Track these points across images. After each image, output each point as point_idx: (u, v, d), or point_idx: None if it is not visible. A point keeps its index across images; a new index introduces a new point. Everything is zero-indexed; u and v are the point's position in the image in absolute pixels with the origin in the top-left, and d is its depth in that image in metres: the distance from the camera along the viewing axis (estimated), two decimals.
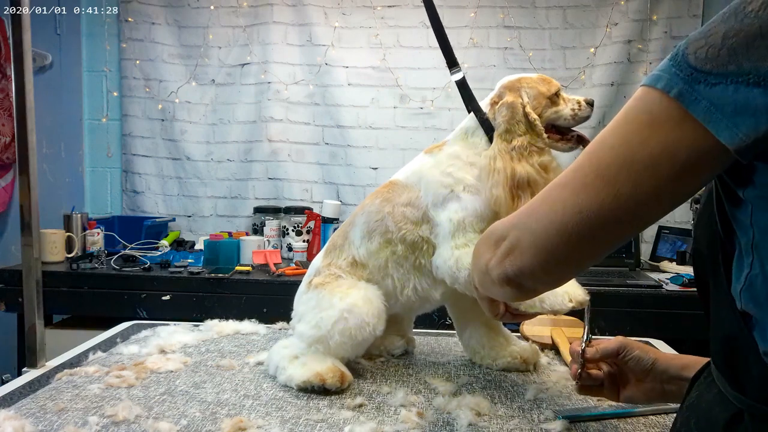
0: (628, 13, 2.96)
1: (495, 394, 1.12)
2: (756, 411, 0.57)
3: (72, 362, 1.30)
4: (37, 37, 2.09)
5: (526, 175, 1.12)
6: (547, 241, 0.65)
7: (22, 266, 1.30)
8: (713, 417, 0.62)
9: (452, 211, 1.16)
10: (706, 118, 0.54)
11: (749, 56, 0.52)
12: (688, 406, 0.70)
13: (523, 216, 0.69)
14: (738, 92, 0.52)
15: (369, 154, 3.13)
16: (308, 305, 1.22)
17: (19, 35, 1.26)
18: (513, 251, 0.69)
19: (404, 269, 1.22)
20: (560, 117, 1.20)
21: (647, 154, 0.57)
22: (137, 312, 2.40)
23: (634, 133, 0.58)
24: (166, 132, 3.19)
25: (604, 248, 0.65)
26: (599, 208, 0.60)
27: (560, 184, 0.65)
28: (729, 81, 0.53)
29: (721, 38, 0.53)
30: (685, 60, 0.56)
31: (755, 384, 0.58)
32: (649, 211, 0.60)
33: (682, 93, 0.55)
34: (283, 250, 2.89)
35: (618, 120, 0.61)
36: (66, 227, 2.75)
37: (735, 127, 0.52)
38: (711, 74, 0.54)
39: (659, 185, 0.57)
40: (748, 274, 0.59)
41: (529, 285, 0.71)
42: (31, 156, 1.28)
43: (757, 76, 0.51)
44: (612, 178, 0.59)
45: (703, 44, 0.55)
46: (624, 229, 0.62)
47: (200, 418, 0.99)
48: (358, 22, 3.09)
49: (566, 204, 0.63)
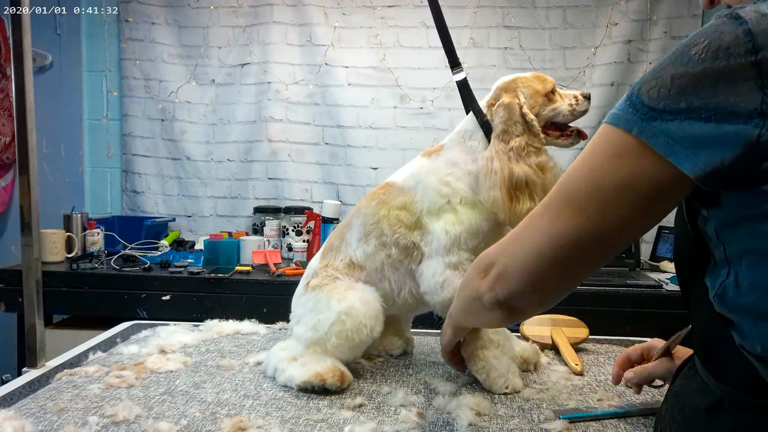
0: (628, 13, 2.96)
1: (495, 395, 1.12)
2: (736, 399, 0.62)
3: (72, 362, 1.30)
4: (37, 37, 2.09)
5: (524, 176, 1.12)
6: (530, 267, 0.71)
7: (22, 266, 1.30)
8: (696, 404, 0.67)
9: (449, 223, 1.17)
10: (666, 151, 0.59)
11: (697, 94, 0.57)
12: (672, 395, 0.75)
13: (509, 243, 0.75)
14: (692, 127, 0.58)
15: (369, 154, 3.13)
16: (306, 307, 1.22)
17: (19, 35, 1.26)
18: (502, 276, 0.75)
19: (400, 273, 1.22)
20: (558, 113, 1.20)
21: (613, 184, 0.63)
22: (137, 312, 2.40)
23: (601, 165, 0.64)
24: (166, 132, 3.19)
25: (583, 271, 0.71)
26: (573, 236, 0.66)
27: (538, 213, 0.71)
28: (682, 117, 0.58)
29: (670, 79, 0.59)
30: (639, 100, 0.61)
31: (735, 374, 0.62)
32: (620, 236, 0.66)
33: (642, 130, 0.60)
34: (283, 250, 2.88)
35: (585, 153, 0.67)
36: (66, 227, 2.75)
37: (695, 157, 0.58)
38: (665, 112, 0.59)
39: (626, 213, 0.63)
40: (722, 282, 0.63)
41: (519, 306, 0.77)
42: (31, 156, 1.28)
43: (707, 111, 0.57)
44: (583, 207, 0.65)
45: (654, 84, 0.61)
46: (598, 254, 0.68)
47: (200, 418, 0.99)
48: (358, 22, 3.09)
49: (543, 232, 0.69)
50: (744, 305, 0.61)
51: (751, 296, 0.60)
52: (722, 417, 0.63)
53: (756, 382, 0.60)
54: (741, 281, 0.61)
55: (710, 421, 0.64)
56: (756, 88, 0.55)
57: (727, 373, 0.63)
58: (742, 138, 0.56)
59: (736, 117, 0.56)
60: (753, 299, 0.60)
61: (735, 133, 0.56)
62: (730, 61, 0.56)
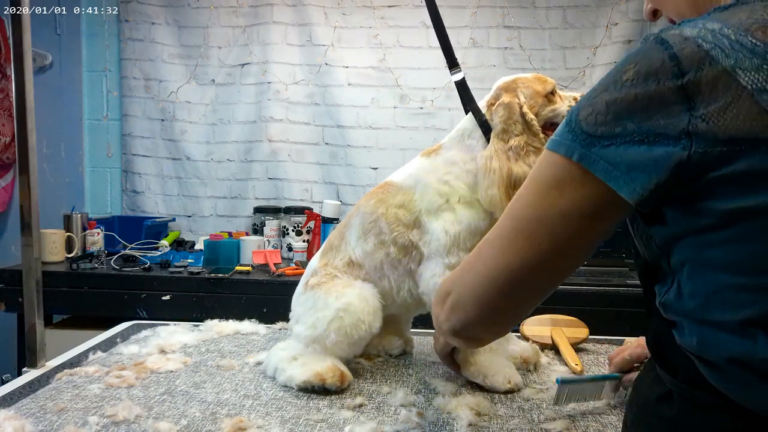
0: (628, 13, 2.96)
1: (495, 394, 1.12)
2: (682, 390, 0.67)
3: (72, 362, 1.30)
4: (37, 37, 2.09)
5: (523, 175, 1.12)
6: (484, 295, 0.72)
7: (22, 266, 1.30)
8: (648, 395, 0.72)
9: (448, 223, 1.17)
10: (606, 177, 0.62)
11: (631, 119, 0.60)
12: (634, 386, 0.80)
13: (463, 272, 0.77)
14: (628, 151, 0.60)
15: (369, 154, 3.13)
16: (305, 306, 1.22)
17: (19, 35, 1.26)
18: (457, 306, 0.76)
19: (399, 271, 1.22)
20: (558, 114, 1.20)
21: (560, 211, 0.65)
22: (137, 312, 2.40)
23: (546, 192, 0.66)
24: (166, 132, 3.19)
25: (536, 297, 0.74)
26: (524, 262, 0.68)
27: (489, 241, 0.73)
28: (618, 142, 0.61)
29: (605, 105, 0.62)
30: (578, 126, 0.64)
31: (682, 370, 0.67)
32: (569, 259, 0.69)
33: (582, 156, 0.63)
34: (283, 250, 2.88)
35: (531, 181, 0.69)
36: (66, 227, 2.75)
37: (632, 182, 0.61)
38: (603, 137, 0.62)
39: (573, 236, 0.66)
40: (667, 290, 0.67)
41: (474, 335, 0.79)
42: (31, 156, 1.28)
43: (639, 134, 0.60)
44: (531, 233, 0.67)
45: (591, 111, 0.63)
46: (551, 278, 0.71)
47: (200, 418, 0.99)
48: (358, 22, 3.09)
49: (496, 260, 0.70)
50: (685, 311, 0.64)
51: (691, 303, 0.64)
52: (670, 406, 0.68)
53: (698, 376, 0.64)
54: (683, 289, 0.64)
55: (659, 409, 0.69)
56: (684, 110, 0.58)
57: (676, 369, 0.68)
58: (673, 159, 0.59)
59: (666, 138, 0.59)
60: (693, 305, 0.63)
61: (666, 154, 0.59)
62: (659, 86, 0.59)
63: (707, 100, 0.58)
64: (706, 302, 0.62)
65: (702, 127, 0.57)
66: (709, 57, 0.58)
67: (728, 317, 0.61)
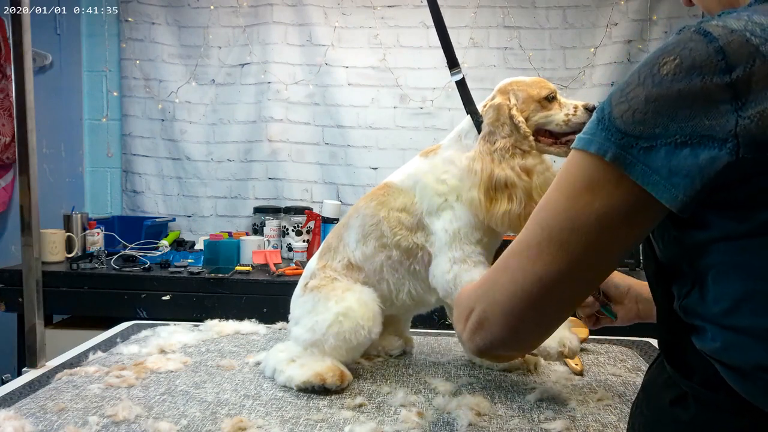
0: (628, 13, 2.96)
1: (495, 394, 1.12)
2: (699, 394, 0.64)
3: (72, 362, 1.30)
4: (37, 37, 2.09)
5: (504, 178, 1.11)
6: (514, 311, 0.67)
7: (22, 266, 1.30)
8: (662, 398, 0.69)
9: (447, 221, 1.17)
10: (644, 181, 0.57)
11: (673, 117, 0.55)
12: (642, 389, 0.76)
13: (486, 287, 0.71)
14: (669, 155, 0.56)
15: (369, 154, 3.13)
16: (304, 308, 1.22)
17: (19, 35, 1.26)
18: (483, 325, 0.71)
19: (399, 274, 1.22)
20: (551, 122, 1.18)
21: (594, 216, 0.60)
22: (137, 312, 2.40)
23: (578, 196, 0.61)
24: (166, 132, 3.19)
25: (565, 310, 0.69)
26: (558, 273, 0.63)
27: (516, 252, 0.67)
28: (659, 143, 0.56)
29: (643, 102, 0.57)
30: (612, 123, 0.58)
31: (698, 372, 0.64)
32: (604, 266, 0.65)
33: (617, 157, 0.58)
34: (283, 250, 2.88)
35: (560, 184, 0.64)
36: (66, 227, 2.75)
37: (673, 188, 0.56)
38: (641, 138, 0.57)
39: (608, 241, 0.61)
40: (687, 292, 0.64)
41: (501, 353, 0.74)
42: (31, 156, 1.28)
43: (683, 136, 0.55)
44: (564, 242, 0.62)
45: (627, 108, 0.58)
46: (585, 287, 0.67)
47: (200, 418, 0.99)
48: (358, 22, 3.09)
49: (526, 272, 0.65)
50: (709, 315, 0.62)
51: (715, 307, 0.61)
52: (685, 409, 0.65)
53: (716, 379, 0.62)
54: (706, 292, 0.62)
55: (674, 412, 0.66)
56: (731, 111, 0.53)
57: (692, 371, 0.65)
58: (719, 163, 0.54)
59: (712, 141, 0.54)
60: (717, 310, 0.61)
61: (711, 159, 0.54)
62: (705, 82, 0.54)
63: (757, 100, 0.53)
64: (734, 307, 0.59)
65: (751, 130, 0.53)
66: (760, 53, 0.53)
67: (758, 324, 0.58)
